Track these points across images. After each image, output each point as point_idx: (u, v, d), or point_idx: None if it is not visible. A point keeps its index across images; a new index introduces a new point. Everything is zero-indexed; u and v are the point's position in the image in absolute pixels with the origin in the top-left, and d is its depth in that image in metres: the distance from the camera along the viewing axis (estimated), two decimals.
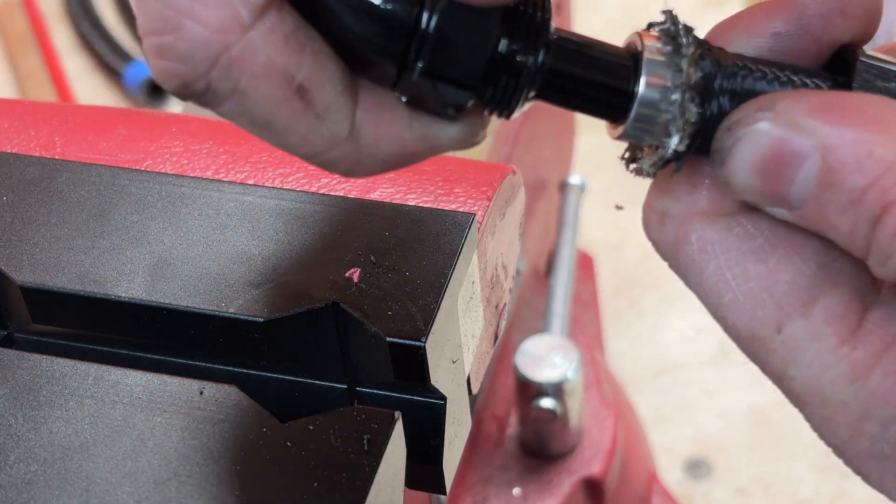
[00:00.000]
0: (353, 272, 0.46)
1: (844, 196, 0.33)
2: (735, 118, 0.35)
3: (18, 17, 1.40)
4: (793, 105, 0.34)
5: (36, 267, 0.47)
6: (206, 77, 0.33)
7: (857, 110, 0.34)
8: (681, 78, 0.35)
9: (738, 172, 0.35)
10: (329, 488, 0.40)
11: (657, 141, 0.36)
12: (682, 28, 0.36)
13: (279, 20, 0.33)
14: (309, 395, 0.46)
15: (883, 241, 0.33)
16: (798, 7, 0.37)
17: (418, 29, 0.33)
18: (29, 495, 0.41)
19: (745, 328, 0.37)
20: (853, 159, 0.33)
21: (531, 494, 0.74)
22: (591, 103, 0.36)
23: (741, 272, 0.36)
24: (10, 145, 0.54)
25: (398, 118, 0.35)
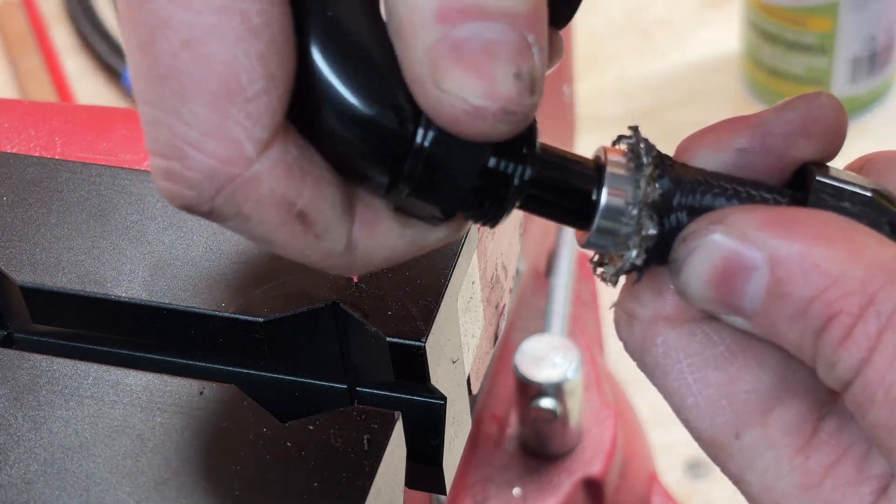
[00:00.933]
0: None
1: (792, 307, 0.35)
2: (689, 230, 0.36)
3: (18, 17, 1.40)
4: (743, 218, 0.36)
5: (36, 267, 0.47)
6: (210, 203, 0.34)
7: (804, 224, 0.35)
8: (639, 195, 0.36)
9: (693, 282, 0.36)
10: (329, 488, 0.40)
11: (619, 251, 0.37)
12: (643, 146, 0.37)
13: (283, 152, 0.34)
14: (309, 395, 0.46)
15: (826, 351, 0.34)
16: (762, 126, 0.38)
17: (412, 145, 0.34)
18: (29, 495, 0.41)
19: (706, 433, 0.38)
20: (799, 272, 0.34)
21: (531, 494, 0.74)
22: (562, 212, 0.37)
23: (702, 378, 0.37)
24: (10, 145, 0.54)
25: (390, 228, 0.37)
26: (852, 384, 0.34)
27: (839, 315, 0.34)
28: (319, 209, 0.35)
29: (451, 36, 0.33)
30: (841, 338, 0.34)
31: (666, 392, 0.38)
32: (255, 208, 0.34)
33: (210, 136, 0.33)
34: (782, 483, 0.37)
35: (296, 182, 0.34)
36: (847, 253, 0.34)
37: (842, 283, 0.34)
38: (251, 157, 0.34)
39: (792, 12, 1.19)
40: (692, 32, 1.36)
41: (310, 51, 0.33)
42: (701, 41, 1.35)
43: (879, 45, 1.21)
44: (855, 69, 1.21)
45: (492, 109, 0.33)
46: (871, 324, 0.34)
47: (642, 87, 1.30)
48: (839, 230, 0.35)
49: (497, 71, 0.33)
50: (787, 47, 1.21)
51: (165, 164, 0.34)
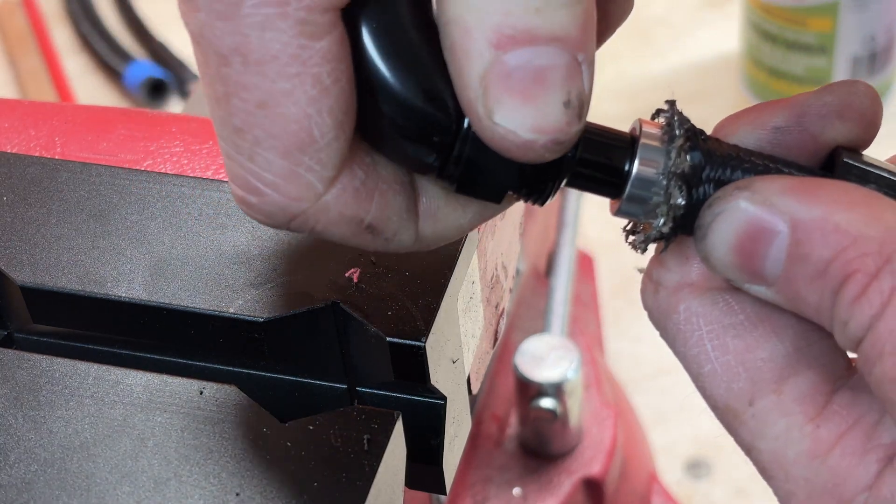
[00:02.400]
0: (353, 272, 0.46)
1: (811, 268, 0.36)
2: (716, 196, 0.38)
3: (18, 17, 1.40)
4: (768, 185, 0.37)
5: (36, 267, 0.47)
6: (286, 226, 0.37)
7: (826, 190, 0.36)
8: (670, 165, 0.38)
9: (716, 248, 0.37)
10: (329, 488, 0.40)
11: (648, 220, 0.39)
12: (677, 119, 0.38)
13: (350, 178, 0.36)
14: (309, 395, 0.46)
15: (841, 308, 0.35)
16: (800, 106, 0.40)
17: (459, 133, 0.36)
18: (29, 495, 0.41)
19: (721, 399, 0.39)
20: (819, 233, 0.35)
21: (531, 494, 0.74)
22: (597, 183, 0.39)
23: (721, 345, 0.38)
24: (10, 145, 0.54)
25: (452, 213, 0.39)
26: (863, 340, 0.35)
27: (856, 274, 0.35)
28: (386, 219, 0.37)
29: (503, 63, 0.34)
30: (856, 295, 0.35)
31: (685, 359, 0.39)
32: (327, 227, 0.37)
33: (282, 178, 0.36)
34: (792, 450, 0.37)
35: (362, 202, 0.37)
36: (866, 217, 0.35)
37: (860, 243, 0.35)
38: (320, 193, 0.36)
39: (792, 12, 1.19)
40: (692, 32, 1.36)
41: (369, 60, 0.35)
42: (701, 41, 1.35)
43: (879, 45, 1.21)
44: (855, 69, 1.21)
45: (541, 143, 0.35)
46: (885, 282, 0.34)
47: (642, 87, 1.30)
48: (860, 196, 0.36)
49: (547, 101, 0.34)
50: (787, 47, 1.21)
51: (242, 194, 0.37)
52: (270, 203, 0.36)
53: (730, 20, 1.34)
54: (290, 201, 0.36)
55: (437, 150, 0.36)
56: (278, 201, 0.36)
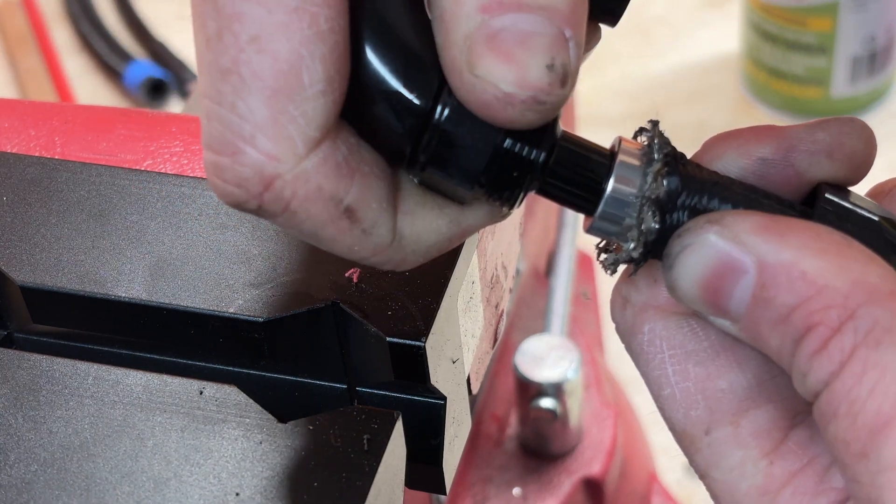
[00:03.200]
0: (353, 272, 0.46)
1: (775, 313, 0.35)
2: (686, 227, 0.37)
3: (18, 17, 1.40)
4: (739, 221, 0.36)
5: (36, 267, 0.47)
6: (259, 199, 0.35)
7: (797, 234, 0.35)
8: (645, 189, 0.37)
9: (683, 280, 0.37)
10: (329, 488, 0.40)
11: (620, 241, 0.38)
12: (657, 141, 0.37)
13: (333, 149, 0.35)
14: (309, 395, 0.46)
15: (801, 360, 0.34)
16: (789, 139, 0.39)
17: (430, 118, 0.35)
18: (29, 495, 0.41)
19: (678, 424, 0.38)
20: (786, 279, 0.35)
21: (531, 494, 0.74)
22: (571, 197, 0.38)
23: (682, 370, 0.38)
24: (10, 145, 0.54)
25: (430, 212, 0.38)
26: (820, 395, 0.34)
27: (818, 326, 0.34)
28: (366, 204, 0.36)
29: (490, 25, 0.34)
30: (817, 348, 0.34)
31: (647, 378, 0.39)
32: (303, 204, 0.35)
33: (263, 131, 0.34)
34: (745, 484, 0.37)
35: (344, 179, 0.35)
36: (835, 266, 0.34)
37: (825, 294, 0.34)
38: (301, 155, 0.35)
39: (792, 12, 1.19)
40: (692, 32, 1.36)
41: (358, 29, 0.35)
42: (701, 41, 1.35)
43: (879, 45, 1.21)
44: (855, 69, 1.21)
45: (521, 97, 0.34)
46: (847, 338, 0.34)
47: (642, 87, 1.30)
48: (831, 243, 0.35)
49: (530, 60, 0.34)
50: (787, 47, 1.21)
51: (217, 159, 0.35)
52: (246, 163, 0.34)
53: (730, 20, 1.34)
54: (268, 160, 0.34)
55: (410, 127, 0.35)
56: (255, 161, 0.34)
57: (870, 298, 0.34)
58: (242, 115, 0.34)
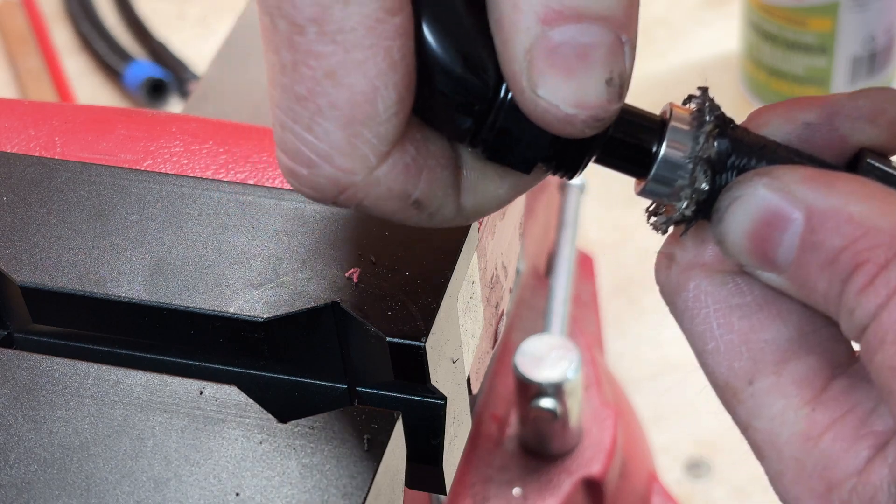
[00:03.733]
0: (353, 272, 0.46)
1: (823, 256, 0.36)
2: (736, 181, 0.38)
3: (18, 17, 1.39)
4: (788, 173, 0.37)
5: (36, 267, 0.47)
6: (333, 199, 0.37)
7: (843, 182, 0.37)
8: (696, 150, 0.38)
9: (732, 232, 0.38)
10: (329, 488, 0.40)
11: (671, 202, 0.39)
12: (708, 105, 0.39)
13: (401, 154, 0.37)
14: (309, 395, 0.46)
15: (849, 296, 0.36)
16: (833, 105, 0.40)
17: (496, 101, 0.36)
18: (29, 495, 0.41)
19: (722, 376, 0.39)
20: (833, 222, 0.36)
21: (531, 494, 0.74)
22: (625, 162, 0.40)
23: (726, 324, 0.39)
24: (10, 145, 0.54)
25: (491, 181, 0.39)
26: (867, 328, 0.35)
27: (866, 264, 0.35)
28: (433, 194, 0.38)
29: (549, 38, 0.34)
30: (864, 284, 0.35)
31: (690, 335, 0.40)
32: (375, 203, 0.37)
33: (338, 151, 0.36)
34: (786, 431, 0.38)
35: (412, 178, 0.37)
36: (880, 209, 0.36)
37: (872, 234, 0.35)
38: (372, 167, 0.36)
39: (792, 12, 1.19)
40: (692, 32, 1.36)
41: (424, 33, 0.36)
42: (701, 41, 1.35)
43: (879, 45, 1.21)
44: (855, 69, 1.21)
45: (581, 118, 0.35)
46: (893, 273, 0.35)
47: (642, 87, 1.30)
48: (877, 190, 0.37)
49: (589, 77, 0.35)
50: (787, 47, 1.21)
51: (292, 166, 0.36)
52: (321, 175, 0.36)
53: (730, 20, 1.33)
54: (342, 174, 0.36)
55: (474, 115, 0.37)
56: (330, 173, 0.36)
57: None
58: (318, 137, 0.36)
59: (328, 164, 0.36)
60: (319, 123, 0.35)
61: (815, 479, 0.37)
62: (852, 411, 0.38)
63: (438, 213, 0.38)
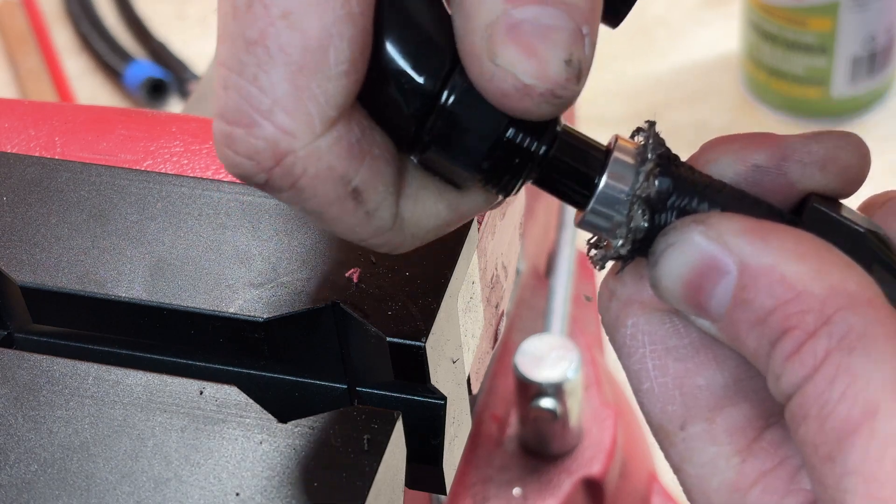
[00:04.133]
0: (353, 272, 0.46)
1: (753, 315, 0.35)
2: (672, 226, 0.37)
3: (18, 17, 1.39)
4: (724, 223, 0.36)
5: (36, 267, 0.47)
6: (267, 173, 0.35)
7: (781, 238, 0.36)
8: (636, 187, 0.38)
9: (666, 278, 0.37)
10: (329, 488, 0.40)
11: (609, 238, 0.39)
12: (652, 141, 0.38)
13: (347, 130, 0.35)
14: (309, 395, 0.46)
15: (776, 362, 0.35)
16: (784, 149, 0.39)
17: (437, 101, 0.36)
18: (29, 495, 0.41)
19: (655, 418, 0.39)
20: (765, 281, 0.35)
21: (531, 494, 0.74)
22: (565, 190, 0.39)
23: (661, 366, 0.39)
24: (10, 145, 0.54)
25: (431, 194, 0.38)
26: (793, 398, 0.35)
27: (794, 329, 0.35)
28: (373, 187, 0.37)
29: (512, 15, 0.34)
30: (791, 351, 0.35)
31: (628, 372, 0.40)
32: (311, 182, 0.35)
33: (282, 105, 0.34)
34: (716, 480, 0.38)
35: (355, 160, 0.36)
36: (814, 272, 0.35)
37: (803, 299, 0.35)
38: (317, 133, 0.35)
39: (792, 12, 1.19)
40: (692, 32, 1.36)
41: (380, 23, 0.35)
42: (701, 41, 1.35)
43: (879, 45, 1.21)
44: (855, 69, 1.21)
45: (539, 90, 0.35)
46: (821, 343, 0.34)
47: (642, 87, 1.30)
48: (812, 248, 0.36)
49: (550, 54, 0.35)
50: (787, 47, 1.21)
51: (230, 129, 0.35)
52: (261, 135, 0.35)
53: (730, 20, 1.34)
54: (283, 135, 0.35)
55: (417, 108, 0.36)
56: (270, 134, 0.35)
57: (846, 305, 0.34)
58: (263, 88, 0.34)
59: (269, 122, 0.34)
60: (266, 72, 0.34)
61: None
62: (782, 465, 0.37)
63: (376, 213, 0.37)
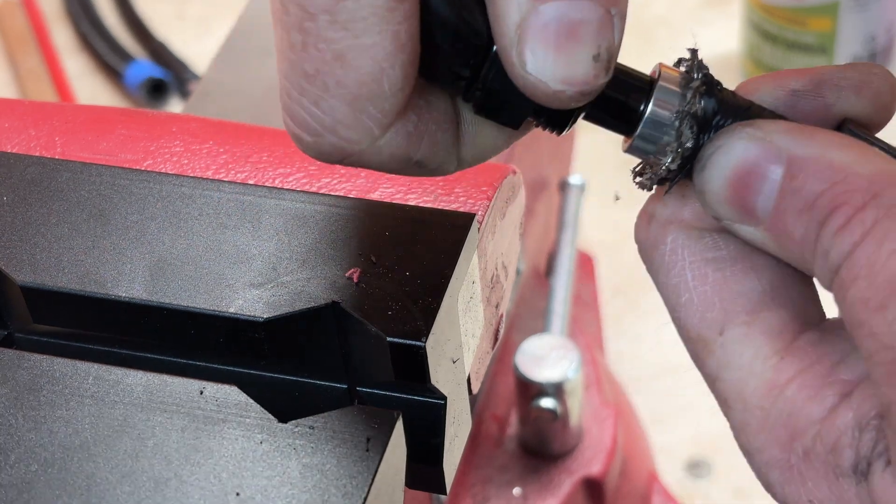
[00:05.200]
0: (353, 272, 0.46)
1: (801, 201, 0.37)
2: (719, 132, 0.39)
3: (18, 17, 1.40)
4: (770, 125, 0.38)
5: (36, 267, 0.47)
6: (337, 163, 0.39)
7: (825, 134, 0.38)
8: (684, 106, 0.39)
9: (713, 180, 0.38)
10: (329, 488, 0.40)
11: (657, 159, 0.40)
12: (696, 65, 0.40)
13: (403, 123, 0.38)
14: (309, 395, 0.46)
15: (825, 238, 0.36)
16: (820, 75, 0.41)
17: (489, 53, 0.38)
18: (29, 495, 0.41)
19: (694, 328, 0.40)
20: (814, 168, 0.37)
21: (531, 494, 0.74)
22: (613, 120, 0.40)
23: (701, 275, 0.40)
24: (10, 145, 0.54)
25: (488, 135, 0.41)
26: (842, 266, 0.36)
27: (843, 206, 0.36)
28: (434, 155, 0.39)
29: (539, 13, 0.36)
30: (841, 225, 0.36)
31: (665, 289, 0.41)
32: (378, 166, 0.39)
33: (343, 124, 0.37)
34: (754, 381, 0.38)
35: (413, 144, 0.38)
36: (859, 158, 0.36)
37: (850, 179, 0.36)
38: (376, 137, 0.37)
39: (792, 12, 1.19)
40: (692, 32, 1.36)
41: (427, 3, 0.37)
42: (701, 41, 1.35)
43: (879, 45, 1.21)
44: None
45: (569, 94, 0.37)
46: (869, 214, 0.35)
47: None
48: (855, 142, 0.37)
49: (577, 54, 0.36)
50: (787, 47, 1.21)
51: (298, 132, 0.38)
52: (326, 143, 0.37)
53: (730, 20, 1.34)
54: (346, 143, 0.37)
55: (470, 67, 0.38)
56: (335, 142, 0.37)
57: (892, 183, 0.36)
58: (324, 111, 0.37)
59: (333, 135, 0.37)
60: (326, 100, 0.36)
61: (778, 427, 0.38)
62: (819, 362, 0.38)
63: (439, 168, 0.40)
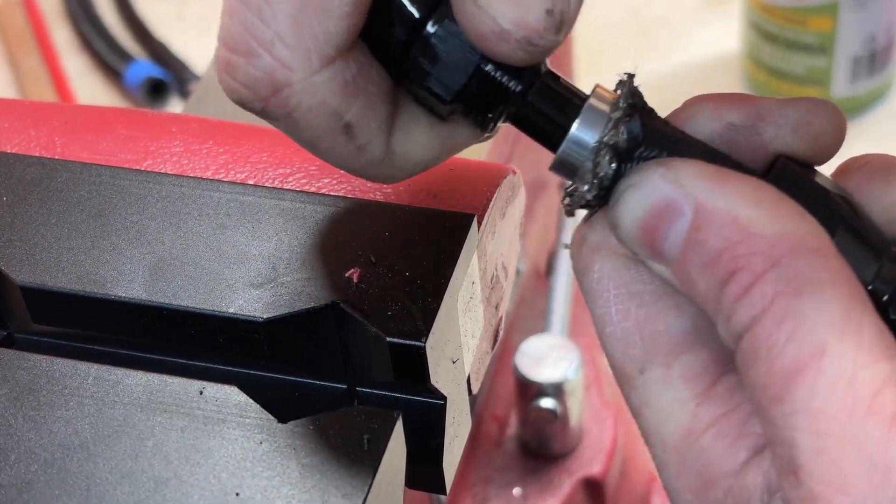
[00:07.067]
0: (353, 272, 0.46)
1: (704, 256, 0.36)
2: (635, 169, 0.38)
3: (18, 16, 1.39)
4: (684, 166, 0.37)
5: (36, 267, 0.47)
6: (265, 102, 0.37)
7: (738, 184, 0.36)
8: (603, 136, 0.38)
9: (624, 217, 0.38)
10: (329, 488, 0.40)
11: (578, 184, 0.39)
12: (625, 93, 0.39)
13: (343, 68, 0.37)
14: (309, 395, 0.46)
15: (725, 302, 0.35)
16: (760, 109, 0.40)
17: (421, 31, 0.37)
18: (29, 495, 0.41)
19: (617, 362, 0.40)
20: (717, 222, 0.36)
21: (531, 494, 0.74)
22: (539, 133, 0.40)
23: (624, 310, 0.39)
24: (10, 145, 0.54)
25: (421, 127, 0.40)
26: (742, 339, 0.35)
27: (743, 270, 0.35)
28: (365, 123, 0.38)
29: None
30: (740, 293, 0.35)
31: (593, 316, 0.40)
32: (305, 115, 0.37)
33: (282, 38, 0.36)
34: (671, 425, 0.38)
35: (349, 97, 0.37)
36: (766, 217, 0.35)
37: (753, 241, 0.35)
38: (314, 68, 0.36)
39: (792, 12, 1.19)
40: (692, 32, 1.36)
41: None
42: (701, 41, 1.35)
43: (879, 45, 1.21)
44: (855, 69, 1.21)
45: (516, 36, 0.36)
46: (769, 285, 0.35)
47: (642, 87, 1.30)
48: (769, 196, 0.36)
49: (531, 3, 0.36)
50: (787, 47, 1.21)
51: (231, 57, 0.37)
52: (260, 67, 0.36)
53: (730, 20, 1.33)
54: (280, 68, 0.36)
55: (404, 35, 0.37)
56: (268, 65, 0.36)
57: (794, 249, 0.35)
58: (265, 20, 0.35)
59: (268, 54, 0.36)
60: (270, 5, 0.35)
61: (693, 475, 0.38)
62: (735, 411, 0.37)
63: (367, 147, 0.38)
